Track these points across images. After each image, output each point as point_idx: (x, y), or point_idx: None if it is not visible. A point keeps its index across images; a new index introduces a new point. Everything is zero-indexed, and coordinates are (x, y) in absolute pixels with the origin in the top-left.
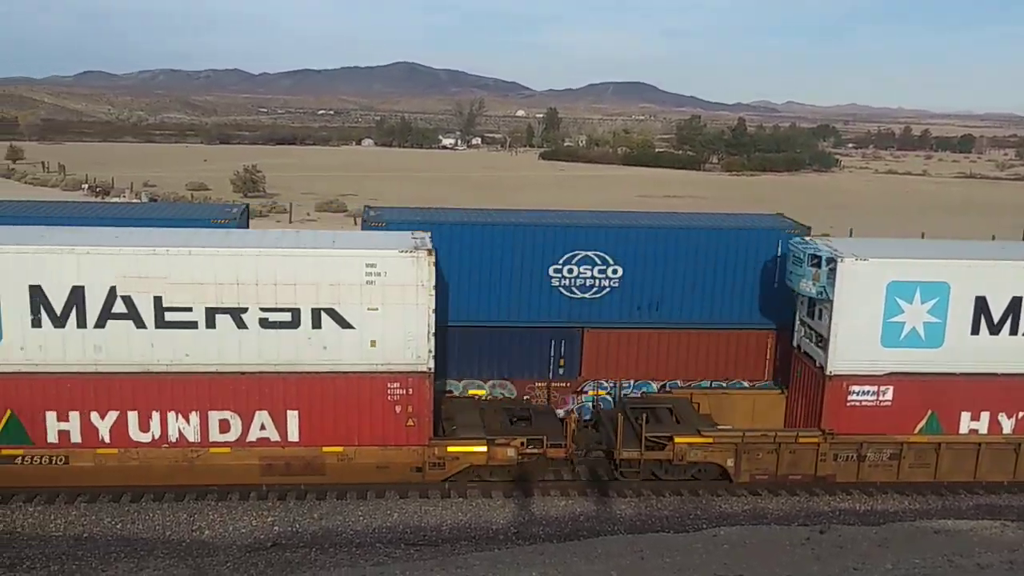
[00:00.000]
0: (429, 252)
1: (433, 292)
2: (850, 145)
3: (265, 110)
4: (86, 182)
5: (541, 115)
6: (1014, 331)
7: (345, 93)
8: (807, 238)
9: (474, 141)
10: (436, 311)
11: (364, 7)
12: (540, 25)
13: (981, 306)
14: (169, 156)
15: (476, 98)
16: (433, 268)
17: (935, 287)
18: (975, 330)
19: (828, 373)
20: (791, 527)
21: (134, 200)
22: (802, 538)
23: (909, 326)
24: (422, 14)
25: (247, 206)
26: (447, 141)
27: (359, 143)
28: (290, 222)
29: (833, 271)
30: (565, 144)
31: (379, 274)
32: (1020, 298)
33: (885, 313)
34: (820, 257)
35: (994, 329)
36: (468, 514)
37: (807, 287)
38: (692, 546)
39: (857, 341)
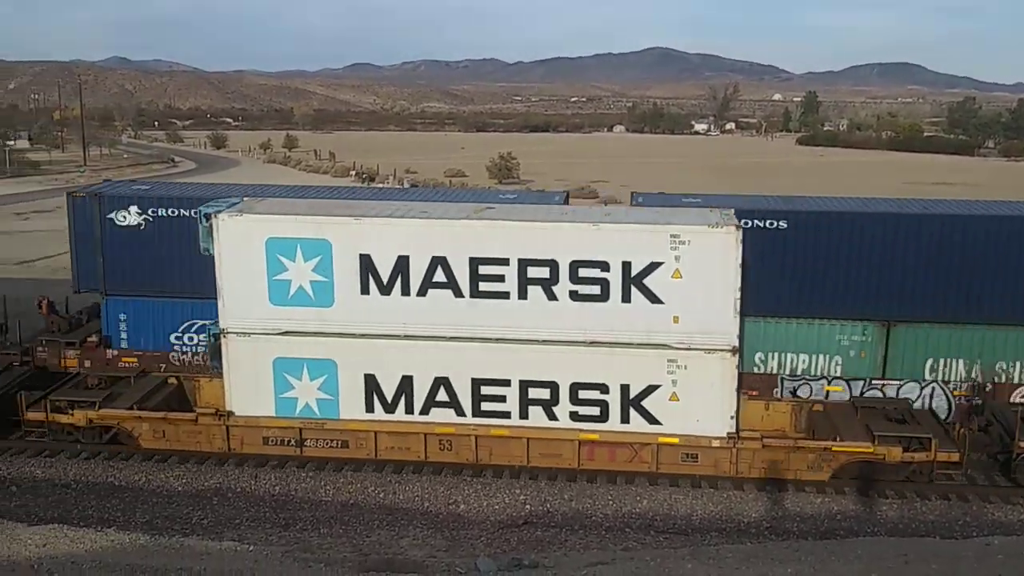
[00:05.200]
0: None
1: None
2: None
3: (519, 98)
4: (353, 169)
5: (799, 99)
6: None
7: (598, 80)
8: None
9: (728, 126)
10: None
11: None
12: (800, 6)
13: None
14: (428, 144)
15: (730, 83)
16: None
17: None
18: None
19: None
20: None
21: (397, 186)
22: None
23: None
24: None
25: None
26: (700, 127)
27: (610, 130)
28: None
29: None
30: (824, 129)
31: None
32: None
33: None
34: None
35: None
36: (719, 505)
37: None
38: (962, 554)
39: None
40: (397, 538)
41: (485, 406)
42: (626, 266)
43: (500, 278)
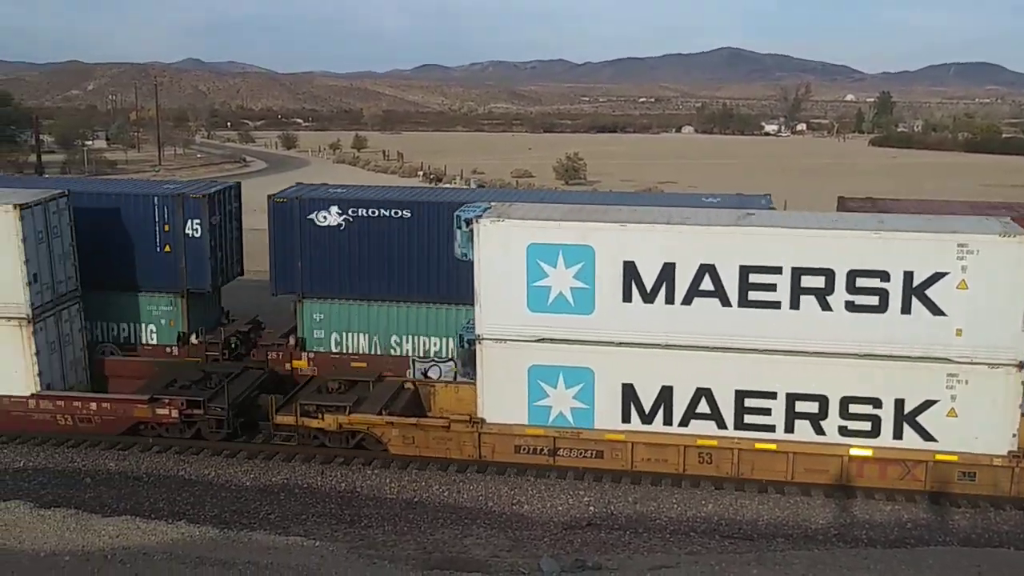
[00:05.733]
0: None
1: None
2: None
3: (587, 99)
4: (421, 169)
5: (872, 99)
6: None
7: (666, 80)
8: None
9: (799, 127)
10: None
11: None
12: (875, 4)
13: None
14: (495, 144)
15: (802, 83)
16: None
17: None
18: None
19: None
20: None
21: (463, 187)
22: None
23: None
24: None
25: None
26: (770, 127)
27: (679, 130)
28: None
29: None
30: (898, 130)
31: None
32: None
33: None
34: None
35: None
36: (786, 511)
37: None
38: None
39: None
40: (461, 537)
41: (748, 419)
42: (908, 276)
43: (771, 287)
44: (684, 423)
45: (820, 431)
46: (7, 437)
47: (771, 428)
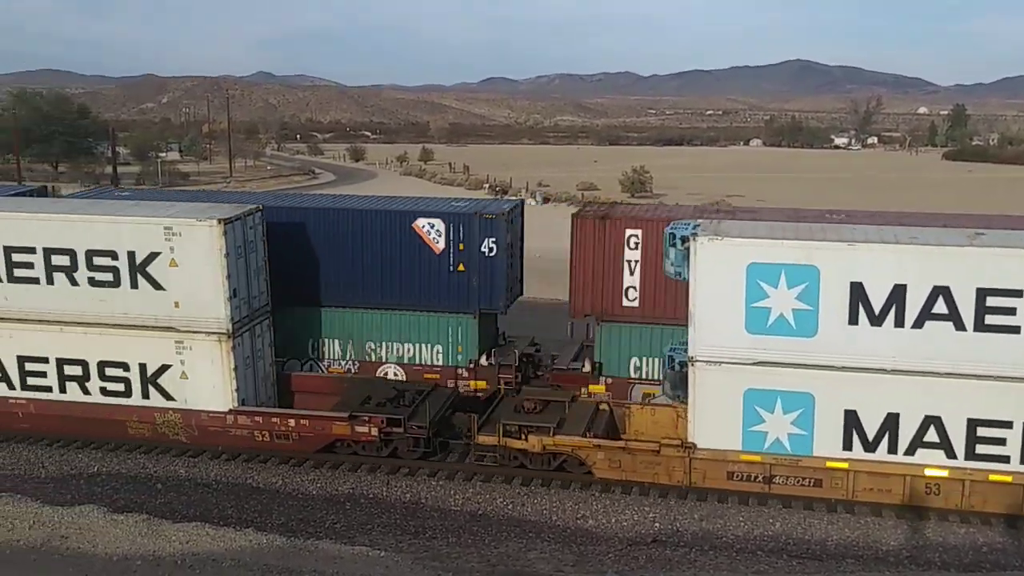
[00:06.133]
0: None
1: None
2: None
3: (653, 111)
4: (487, 181)
5: (946, 112)
6: None
7: (733, 93)
8: None
9: (869, 140)
10: None
11: (755, 5)
12: (949, 16)
13: None
14: (561, 157)
15: (873, 95)
16: None
17: None
18: None
19: None
20: None
21: (530, 200)
22: None
23: None
24: (817, 10)
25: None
26: (840, 141)
27: (746, 143)
28: None
29: None
30: (972, 143)
31: None
32: None
33: None
34: None
35: None
36: (856, 531)
37: None
38: None
39: None
40: (525, 551)
41: (980, 448)
42: None
43: (1011, 311)
44: (910, 452)
45: None
46: (81, 442)
47: (1006, 459)
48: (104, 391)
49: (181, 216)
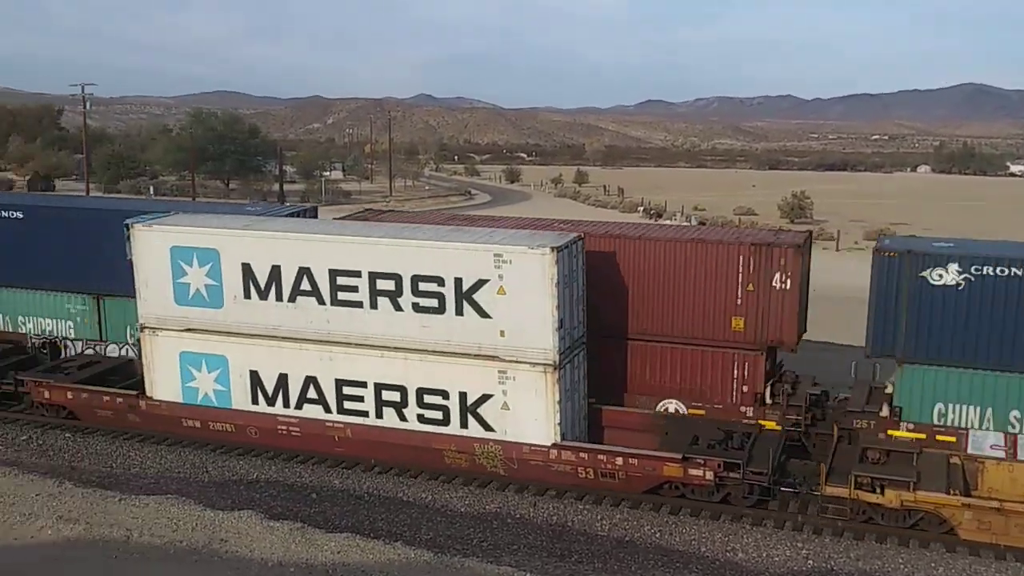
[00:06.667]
0: None
1: None
2: None
3: (816, 135)
4: (641, 205)
5: None
6: None
7: (901, 117)
8: None
9: None
10: None
11: (933, 31)
12: None
13: None
14: (718, 181)
15: None
16: None
17: None
18: None
19: None
20: None
21: (684, 223)
22: None
23: None
24: (997, 33)
25: None
26: (1016, 168)
27: (914, 170)
28: (836, 250)
29: None
30: None
31: None
32: None
33: None
34: None
35: None
36: None
37: None
38: None
39: None
40: None
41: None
42: None
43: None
44: None
45: None
46: (242, 449)
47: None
48: (422, 418)
49: (511, 243)
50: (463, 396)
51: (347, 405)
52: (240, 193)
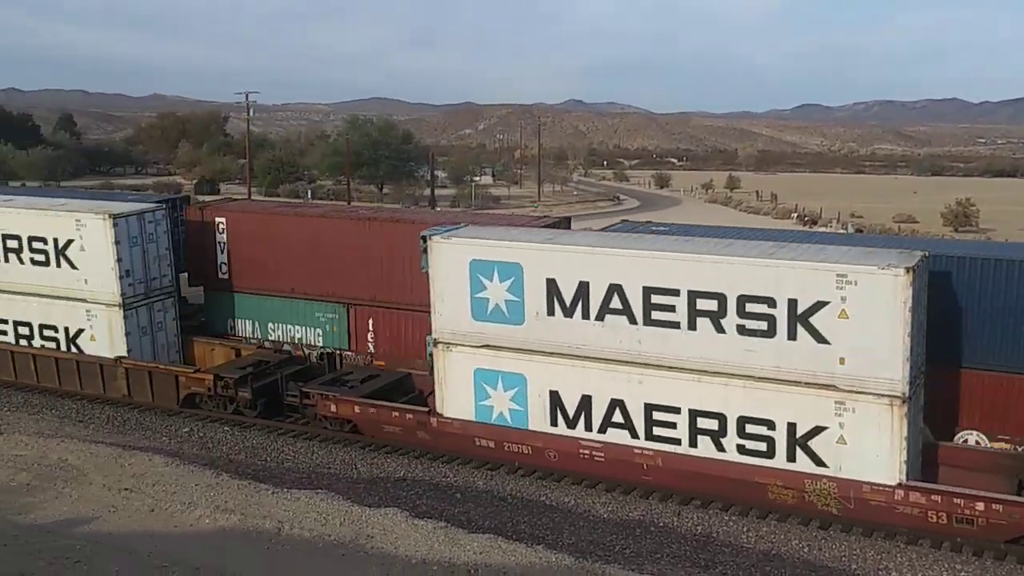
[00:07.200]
0: None
1: None
2: None
3: (983, 140)
4: (795, 211)
5: None
6: None
7: None
8: None
9: None
10: None
11: None
12: None
13: None
14: (877, 187)
15: None
16: None
17: None
18: None
19: None
20: None
21: (840, 231)
22: None
23: None
24: None
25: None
26: None
27: None
28: None
29: None
30: None
31: None
32: None
33: None
34: None
35: None
36: None
37: None
38: None
39: None
40: None
41: None
42: None
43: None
44: None
45: None
46: (390, 447)
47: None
48: (742, 449)
49: (856, 262)
50: (791, 427)
51: (657, 431)
52: (393, 198)
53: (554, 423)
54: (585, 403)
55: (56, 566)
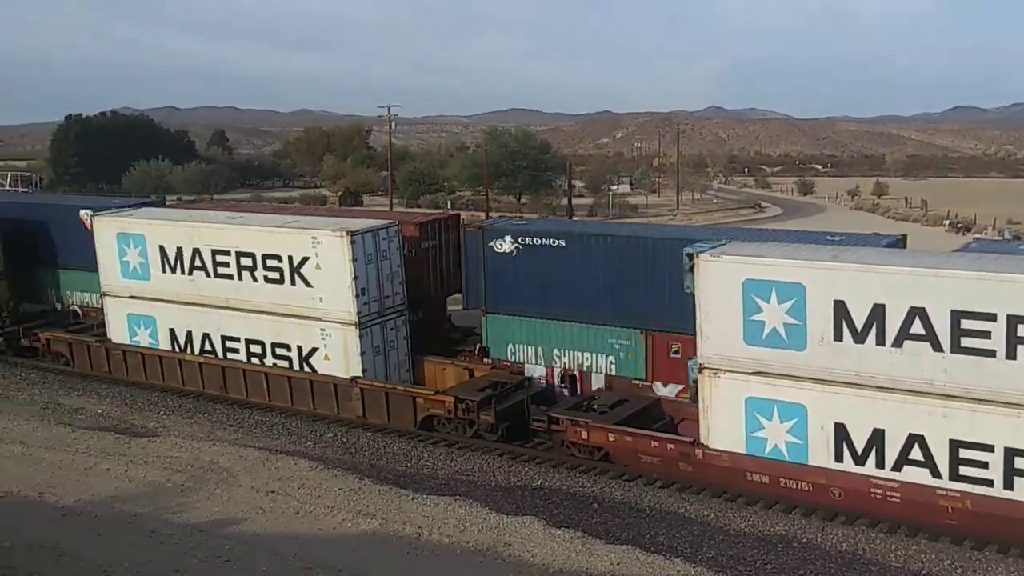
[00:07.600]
0: None
1: None
2: None
3: None
4: (947, 218)
5: None
6: None
7: None
8: None
9: None
10: None
11: None
12: None
13: None
14: None
15: None
16: None
17: None
18: None
19: None
20: None
21: (996, 238)
22: None
23: None
24: None
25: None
26: None
27: None
28: None
29: None
30: None
31: None
32: None
33: None
34: None
35: None
36: None
37: None
38: None
39: None
40: None
41: None
42: None
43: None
44: None
45: None
46: (527, 456)
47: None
48: None
49: None
50: None
51: (964, 471)
52: (530, 208)
53: (839, 459)
54: (877, 438)
55: (208, 564)
